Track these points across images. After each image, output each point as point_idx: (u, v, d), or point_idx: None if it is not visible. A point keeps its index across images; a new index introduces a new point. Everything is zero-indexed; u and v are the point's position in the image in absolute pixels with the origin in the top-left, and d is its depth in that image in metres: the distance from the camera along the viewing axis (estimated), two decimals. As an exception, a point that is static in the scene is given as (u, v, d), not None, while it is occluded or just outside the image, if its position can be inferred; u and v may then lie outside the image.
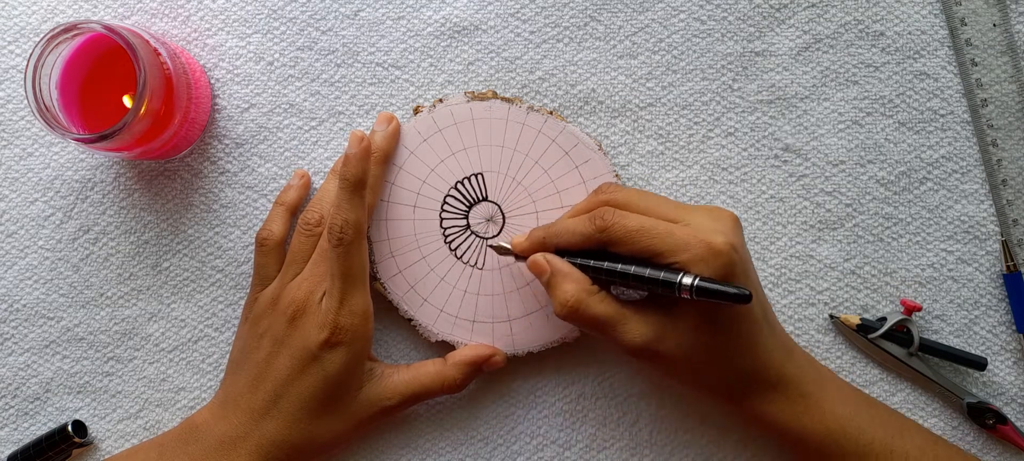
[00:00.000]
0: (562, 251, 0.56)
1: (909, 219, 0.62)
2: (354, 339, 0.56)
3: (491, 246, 0.60)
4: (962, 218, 0.62)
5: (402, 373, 0.59)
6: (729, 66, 0.62)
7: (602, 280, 0.55)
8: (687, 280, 0.51)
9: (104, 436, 0.63)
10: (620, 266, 0.54)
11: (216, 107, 0.62)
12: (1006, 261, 0.62)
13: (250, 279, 0.62)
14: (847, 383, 0.59)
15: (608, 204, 0.56)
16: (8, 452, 0.63)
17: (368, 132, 0.62)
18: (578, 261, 0.56)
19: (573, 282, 0.55)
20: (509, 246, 0.59)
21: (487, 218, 0.61)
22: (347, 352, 0.56)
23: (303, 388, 0.56)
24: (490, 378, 0.62)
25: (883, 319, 0.61)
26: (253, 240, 0.62)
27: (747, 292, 0.50)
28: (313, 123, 0.62)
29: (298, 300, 0.57)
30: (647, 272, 0.53)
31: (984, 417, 0.61)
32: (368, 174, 0.57)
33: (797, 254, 0.62)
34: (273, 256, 0.60)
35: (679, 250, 0.52)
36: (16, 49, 0.62)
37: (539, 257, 0.56)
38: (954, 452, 0.58)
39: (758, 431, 0.60)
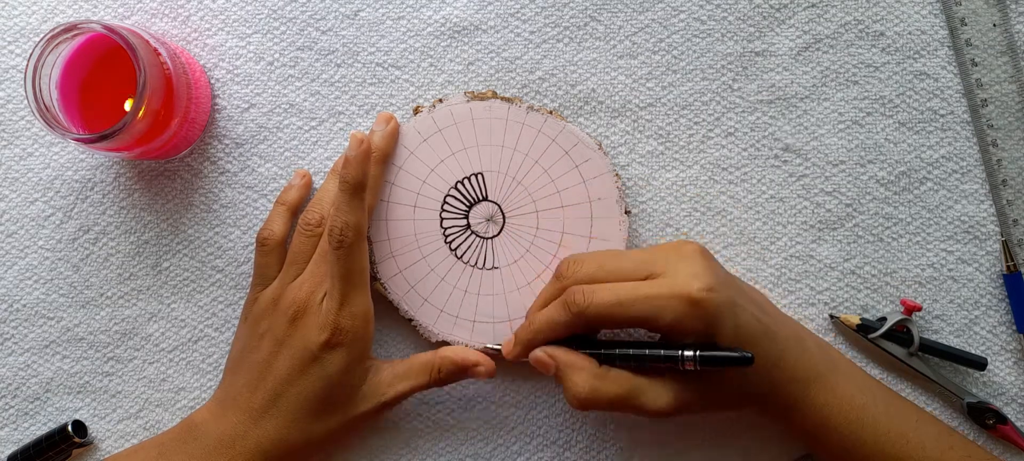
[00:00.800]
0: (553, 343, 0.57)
1: (909, 219, 0.62)
2: (354, 340, 0.56)
3: (486, 349, 0.60)
4: (962, 218, 0.62)
5: (396, 367, 0.59)
6: (729, 66, 0.62)
7: (600, 357, 0.56)
8: (689, 353, 0.52)
9: (104, 436, 0.63)
10: (619, 350, 0.55)
11: (216, 107, 0.62)
12: (1006, 261, 0.62)
13: (250, 279, 0.62)
14: (860, 369, 0.59)
15: (573, 284, 0.56)
16: (8, 452, 0.63)
17: (368, 132, 0.62)
18: (578, 346, 0.56)
19: (580, 371, 0.55)
20: (501, 349, 0.59)
21: (487, 218, 0.61)
22: (347, 353, 0.56)
23: (303, 388, 0.56)
24: (476, 377, 0.61)
25: (883, 319, 0.61)
26: (253, 240, 0.62)
27: (749, 355, 0.51)
28: (313, 123, 0.62)
29: (299, 301, 0.57)
30: (647, 352, 0.54)
31: (984, 417, 0.61)
32: (368, 176, 0.57)
33: (797, 254, 0.62)
34: (274, 256, 0.60)
35: (661, 314, 0.53)
36: (16, 49, 0.62)
37: (539, 353, 0.56)
38: (968, 443, 0.58)
39: (783, 428, 0.60)
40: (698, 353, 0.52)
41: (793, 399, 0.56)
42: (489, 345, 0.60)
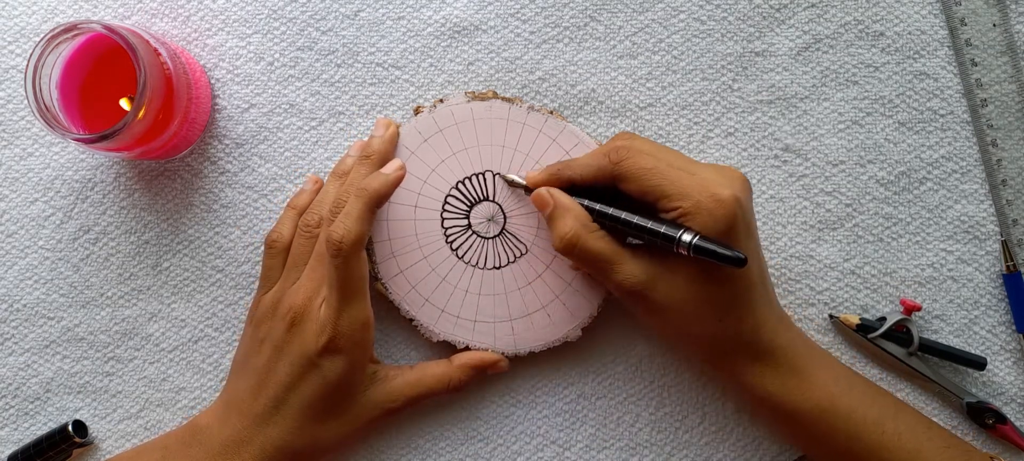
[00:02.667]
0: (572, 190, 0.57)
1: (909, 219, 0.62)
2: (353, 346, 0.56)
3: (503, 177, 0.60)
4: (962, 218, 0.62)
5: (406, 375, 0.59)
6: (729, 66, 0.62)
7: (603, 224, 0.56)
8: (686, 237, 0.52)
9: (104, 436, 0.63)
10: (623, 214, 0.55)
11: (216, 107, 0.62)
12: (1006, 261, 0.62)
13: (251, 279, 0.62)
14: (839, 362, 0.59)
15: (624, 146, 0.56)
16: (8, 452, 0.63)
17: (366, 135, 0.62)
18: (583, 202, 0.56)
19: (574, 217, 0.55)
20: (520, 179, 0.59)
21: (488, 218, 0.61)
22: (347, 359, 0.56)
23: (304, 394, 0.56)
24: (490, 378, 0.62)
25: (883, 319, 0.61)
26: (253, 240, 0.62)
27: (742, 256, 0.51)
28: (313, 123, 0.62)
29: (296, 306, 0.57)
30: (648, 224, 0.53)
31: (983, 417, 0.61)
32: (389, 197, 0.57)
33: (797, 254, 0.63)
34: (280, 259, 0.59)
35: (684, 196, 0.52)
36: (16, 49, 0.62)
37: (544, 191, 0.57)
38: (947, 433, 0.58)
39: (747, 402, 0.61)
40: (696, 239, 0.52)
41: (766, 377, 0.56)
42: (515, 177, 0.59)
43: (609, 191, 0.56)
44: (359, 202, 0.55)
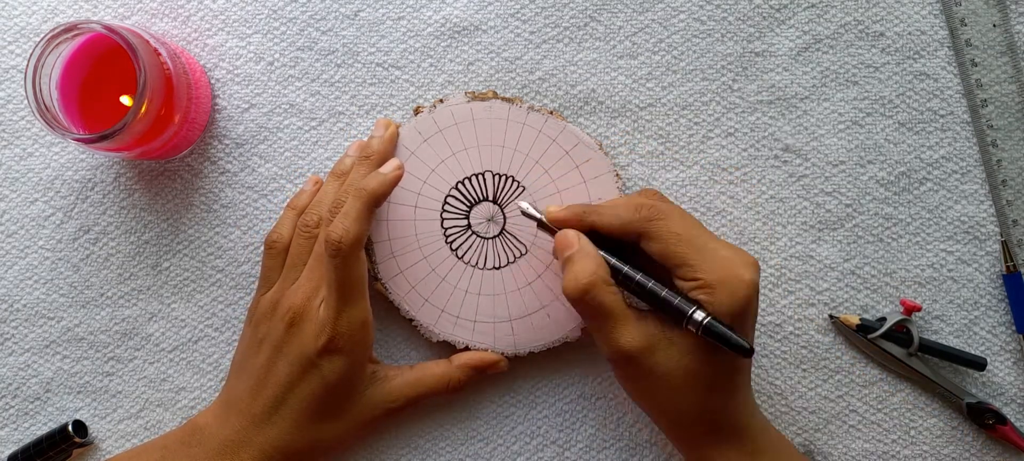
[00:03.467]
0: (593, 236, 0.55)
1: (909, 219, 0.62)
2: (353, 347, 0.56)
3: (519, 206, 0.58)
4: (962, 218, 0.62)
5: (406, 375, 0.59)
6: (729, 66, 0.62)
7: (617, 280, 0.55)
8: (698, 316, 0.52)
9: (104, 436, 0.63)
10: (638, 275, 0.54)
11: (216, 107, 0.62)
12: (1006, 261, 0.62)
13: (251, 279, 0.62)
14: (798, 451, 0.59)
15: (656, 206, 0.55)
16: (8, 452, 0.63)
17: (366, 135, 0.62)
18: (603, 256, 0.55)
19: (595, 264, 0.53)
20: (537, 213, 0.57)
21: (488, 218, 0.61)
22: (346, 359, 0.56)
23: (303, 395, 0.56)
24: (490, 378, 0.62)
25: (883, 319, 0.61)
26: (253, 240, 0.62)
27: (749, 346, 0.51)
28: (313, 123, 0.62)
29: (295, 306, 0.57)
30: (664, 293, 0.53)
31: (983, 417, 0.61)
32: (390, 193, 0.56)
33: (797, 254, 0.63)
34: (280, 259, 0.59)
35: (707, 270, 0.52)
36: (16, 49, 0.62)
37: (570, 233, 0.55)
38: None
39: None
40: (707, 320, 0.51)
41: (721, 447, 0.55)
42: (532, 211, 0.57)
43: (623, 245, 0.55)
44: (357, 202, 0.55)
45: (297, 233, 0.59)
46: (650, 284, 0.54)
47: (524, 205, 0.57)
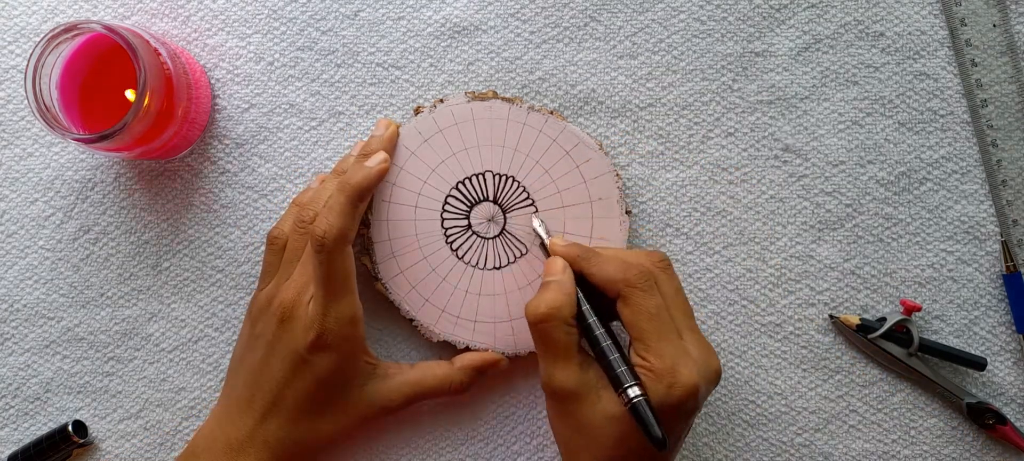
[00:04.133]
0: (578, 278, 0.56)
1: (909, 219, 0.62)
2: (342, 342, 0.56)
3: (532, 220, 0.59)
4: (962, 218, 0.62)
5: (406, 374, 0.59)
6: (729, 66, 0.62)
7: (579, 323, 0.55)
8: (632, 392, 0.51)
9: (104, 436, 0.63)
10: (601, 332, 0.54)
11: (216, 107, 0.62)
12: (1006, 261, 0.62)
13: (251, 279, 0.62)
14: None
15: (651, 276, 0.54)
16: (8, 452, 0.63)
17: (366, 135, 0.62)
18: (578, 295, 0.55)
19: (564, 300, 0.54)
20: (545, 237, 0.58)
21: (488, 218, 0.61)
22: (336, 355, 0.56)
23: (298, 390, 0.56)
24: (491, 378, 0.62)
25: (883, 319, 0.61)
26: (253, 240, 0.62)
27: (663, 440, 0.50)
28: (313, 123, 0.62)
29: (286, 303, 0.57)
30: (613, 356, 0.53)
31: (984, 417, 0.61)
32: (374, 188, 0.56)
33: (797, 254, 0.63)
34: (280, 255, 0.59)
35: (659, 357, 0.52)
36: (16, 49, 0.62)
37: (559, 262, 0.56)
38: None
39: None
40: (636, 400, 0.51)
41: None
42: (540, 230, 0.59)
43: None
44: (341, 196, 0.55)
45: (293, 229, 0.59)
46: (605, 342, 0.54)
47: (536, 223, 0.59)
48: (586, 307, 0.55)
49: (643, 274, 0.54)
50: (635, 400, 0.51)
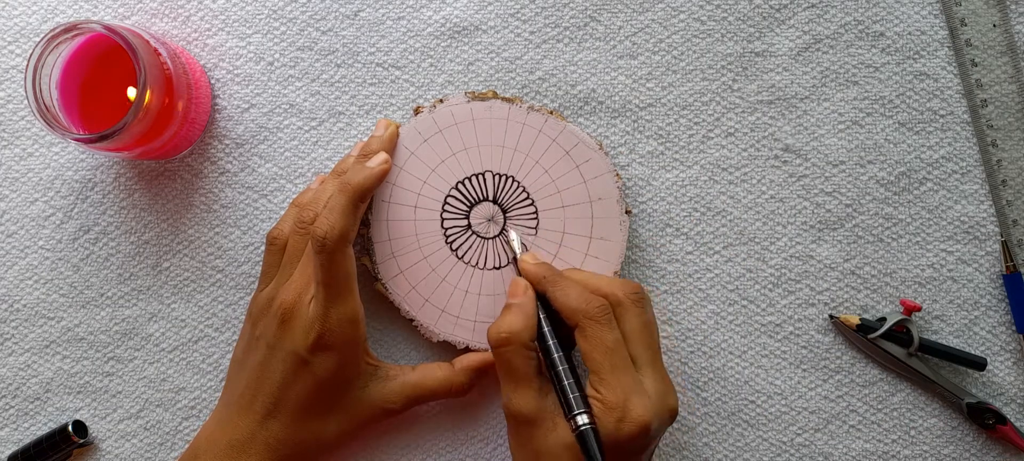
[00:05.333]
0: (542, 298, 0.56)
1: (909, 219, 0.62)
2: (343, 343, 0.56)
3: (509, 233, 0.60)
4: (962, 218, 0.62)
5: (407, 376, 0.59)
6: (729, 66, 0.62)
7: (539, 344, 0.55)
8: (581, 420, 0.52)
9: (104, 436, 0.63)
10: (558, 356, 0.54)
11: (216, 107, 0.62)
12: (1006, 261, 0.62)
13: (251, 279, 0.62)
14: None
15: (620, 305, 0.55)
16: (8, 452, 0.63)
17: (366, 135, 0.62)
18: (540, 316, 0.56)
19: (524, 325, 0.55)
20: (518, 250, 0.59)
21: (488, 218, 0.61)
22: (337, 356, 0.56)
23: (298, 391, 0.56)
24: (490, 378, 0.62)
25: (883, 319, 0.61)
26: (253, 240, 0.62)
27: None
28: (313, 123, 0.62)
29: (287, 303, 0.57)
30: (566, 382, 0.53)
31: (984, 417, 0.61)
32: (374, 188, 0.57)
33: (797, 254, 0.63)
34: (280, 256, 0.59)
35: (611, 390, 0.52)
36: (16, 49, 0.62)
37: (521, 284, 0.57)
38: None
39: None
40: (583, 428, 0.51)
41: None
42: (516, 242, 0.60)
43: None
44: (342, 197, 0.55)
45: (293, 229, 0.59)
46: (561, 367, 0.54)
47: (512, 235, 0.60)
48: (547, 329, 0.55)
49: (602, 308, 0.54)
50: (582, 428, 0.52)
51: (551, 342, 0.55)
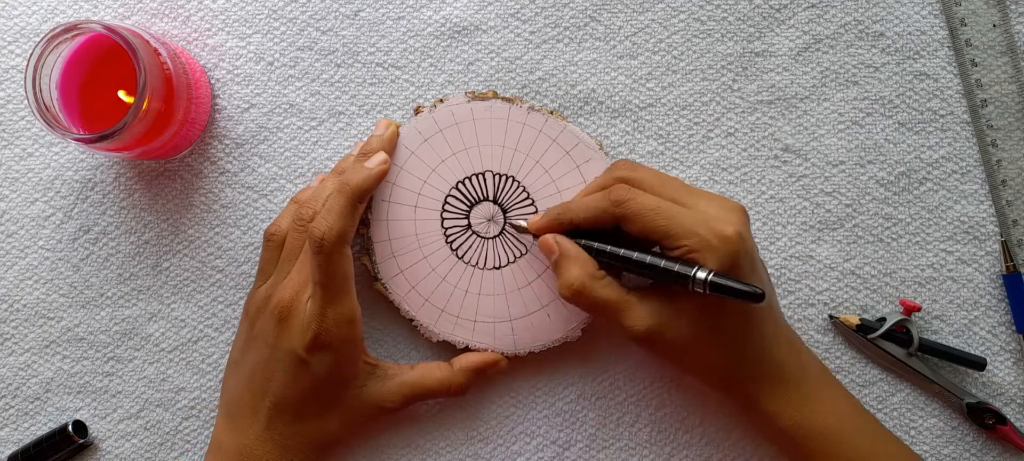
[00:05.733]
0: (576, 230, 0.57)
1: (909, 219, 0.62)
2: (341, 343, 0.56)
3: (511, 224, 0.60)
4: (962, 218, 0.62)
5: (406, 375, 0.59)
6: (729, 66, 0.62)
7: (610, 265, 0.55)
8: (701, 274, 0.51)
9: (104, 436, 0.63)
10: (634, 254, 0.54)
11: (216, 107, 0.62)
12: (1006, 262, 0.62)
13: (251, 279, 0.62)
14: (844, 388, 0.59)
15: (624, 181, 0.56)
16: (8, 452, 0.63)
17: (366, 135, 0.62)
18: (589, 243, 0.56)
19: (579, 265, 0.55)
20: (524, 222, 0.59)
21: (488, 218, 0.61)
22: (334, 355, 0.56)
23: (297, 390, 0.57)
24: (490, 378, 0.62)
25: (883, 319, 0.61)
26: (253, 240, 0.62)
27: (760, 291, 0.50)
28: (313, 123, 0.62)
29: (284, 302, 0.57)
30: (661, 262, 0.53)
31: (983, 417, 0.61)
32: (373, 189, 0.57)
33: (797, 254, 0.63)
34: (278, 252, 0.59)
35: (689, 235, 0.52)
36: (16, 49, 0.62)
37: (549, 238, 0.57)
38: None
39: (757, 425, 0.60)
40: (711, 276, 0.51)
41: (773, 400, 0.55)
42: (520, 223, 0.60)
43: (609, 229, 0.56)
44: (341, 197, 0.55)
45: (292, 226, 0.59)
46: (646, 258, 0.54)
47: (515, 222, 0.60)
48: (610, 248, 0.55)
49: (620, 190, 0.55)
50: (709, 278, 0.51)
51: (622, 251, 0.55)
